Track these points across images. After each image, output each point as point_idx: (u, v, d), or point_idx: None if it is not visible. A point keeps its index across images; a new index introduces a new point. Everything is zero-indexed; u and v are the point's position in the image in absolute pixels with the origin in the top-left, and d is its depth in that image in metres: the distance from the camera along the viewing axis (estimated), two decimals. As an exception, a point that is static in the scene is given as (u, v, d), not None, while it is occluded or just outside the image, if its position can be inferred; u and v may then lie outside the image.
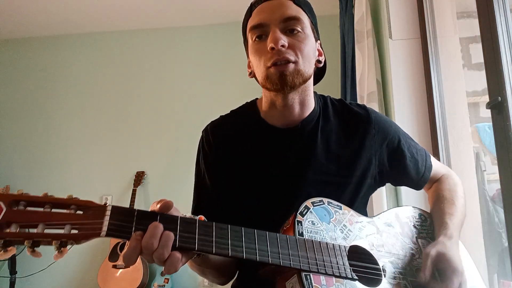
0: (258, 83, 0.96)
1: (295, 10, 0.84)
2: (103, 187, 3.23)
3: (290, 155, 0.89)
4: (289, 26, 0.83)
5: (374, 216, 0.87)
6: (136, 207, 2.97)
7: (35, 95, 3.51)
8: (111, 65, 3.50)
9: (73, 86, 3.49)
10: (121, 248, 2.80)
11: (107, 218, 0.57)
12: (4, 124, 3.48)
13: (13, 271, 2.86)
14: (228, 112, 0.99)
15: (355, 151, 0.91)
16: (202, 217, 0.66)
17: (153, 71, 3.45)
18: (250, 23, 0.86)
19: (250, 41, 0.87)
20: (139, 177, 3.14)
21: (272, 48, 0.80)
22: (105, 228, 0.56)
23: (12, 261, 2.86)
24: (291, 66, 0.80)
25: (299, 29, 0.83)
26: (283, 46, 0.80)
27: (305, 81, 0.84)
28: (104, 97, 3.44)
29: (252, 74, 0.91)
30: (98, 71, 3.50)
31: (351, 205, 0.85)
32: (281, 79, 0.80)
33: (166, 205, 0.62)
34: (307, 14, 0.87)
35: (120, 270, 2.71)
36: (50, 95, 3.49)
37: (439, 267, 0.79)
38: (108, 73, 3.48)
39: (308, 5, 0.89)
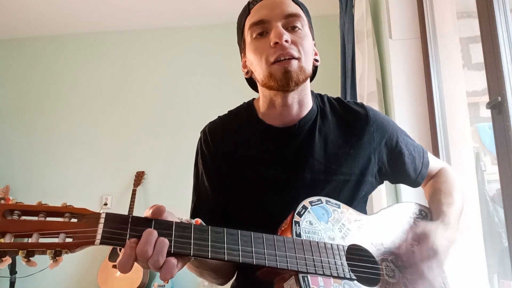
0: (251, 83, 0.96)
1: (295, 8, 0.85)
2: (103, 187, 3.23)
3: (288, 155, 0.89)
4: (291, 23, 0.83)
5: (374, 214, 0.87)
6: (136, 207, 2.97)
7: (35, 95, 3.50)
8: (111, 65, 3.50)
9: (73, 86, 3.49)
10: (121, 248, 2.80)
11: (101, 226, 0.57)
12: (4, 124, 3.48)
13: (13, 271, 2.86)
14: (226, 112, 0.98)
15: (354, 149, 0.90)
16: (199, 221, 0.65)
17: (153, 71, 3.45)
18: (249, 20, 0.85)
19: (249, 39, 0.86)
20: (139, 177, 3.14)
21: (276, 43, 0.79)
22: (99, 236, 0.57)
23: (12, 261, 2.86)
24: (295, 62, 0.80)
25: (300, 26, 0.83)
26: (286, 41, 0.79)
27: (306, 78, 0.84)
28: (104, 97, 3.44)
29: (250, 73, 0.91)
30: (98, 71, 3.49)
31: (350, 203, 0.85)
32: (286, 75, 0.79)
33: (158, 210, 0.62)
34: (304, 13, 0.87)
35: (120, 270, 2.71)
36: (49, 95, 3.49)
37: (419, 244, 0.79)
38: (108, 73, 3.48)
39: (304, 6, 0.90)
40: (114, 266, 2.73)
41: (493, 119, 1.27)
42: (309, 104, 0.91)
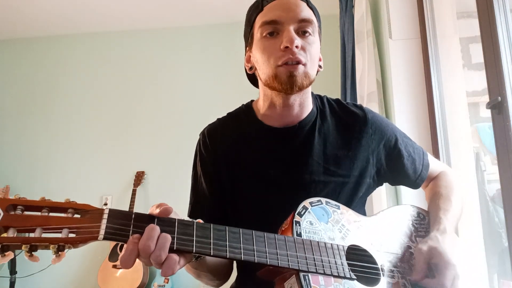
0: (251, 79, 0.96)
1: (309, 13, 0.84)
2: (103, 187, 3.23)
3: (287, 155, 0.89)
4: (303, 28, 0.82)
5: (372, 215, 0.88)
6: (136, 207, 2.97)
7: (35, 95, 3.50)
8: (111, 65, 3.50)
9: (73, 86, 3.49)
10: (122, 248, 2.80)
11: (104, 221, 0.57)
12: (4, 124, 3.48)
13: (13, 271, 2.86)
14: (225, 114, 0.98)
15: (353, 151, 0.91)
16: (200, 221, 0.66)
17: (153, 71, 3.45)
18: (261, 18, 0.85)
19: (258, 36, 0.85)
20: (139, 177, 3.14)
21: (286, 47, 0.79)
22: (102, 231, 0.56)
23: (12, 261, 2.86)
24: (301, 67, 0.80)
25: (311, 32, 0.83)
26: (296, 46, 0.79)
27: (310, 83, 0.84)
28: (104, 97, 3.44)
29: (254, 70, 0.91)
30: (98, 71, 3.49)
31: (349, 204, 0.85)
32: (291, 79, 0.80)
33: (165, 211, 0.62)
34: (316, 18, 0.87)
35: (120, 270, 2.71)
36: (50, 95, 3.49)
37: (432, 262, 0.79)
38: (108, 73, 3.48)
39: (317, 10, 0.89)
40: (114, 266, 2.73)
41: (493, 119, 1.27)
42: (309, 105, 0.91)
